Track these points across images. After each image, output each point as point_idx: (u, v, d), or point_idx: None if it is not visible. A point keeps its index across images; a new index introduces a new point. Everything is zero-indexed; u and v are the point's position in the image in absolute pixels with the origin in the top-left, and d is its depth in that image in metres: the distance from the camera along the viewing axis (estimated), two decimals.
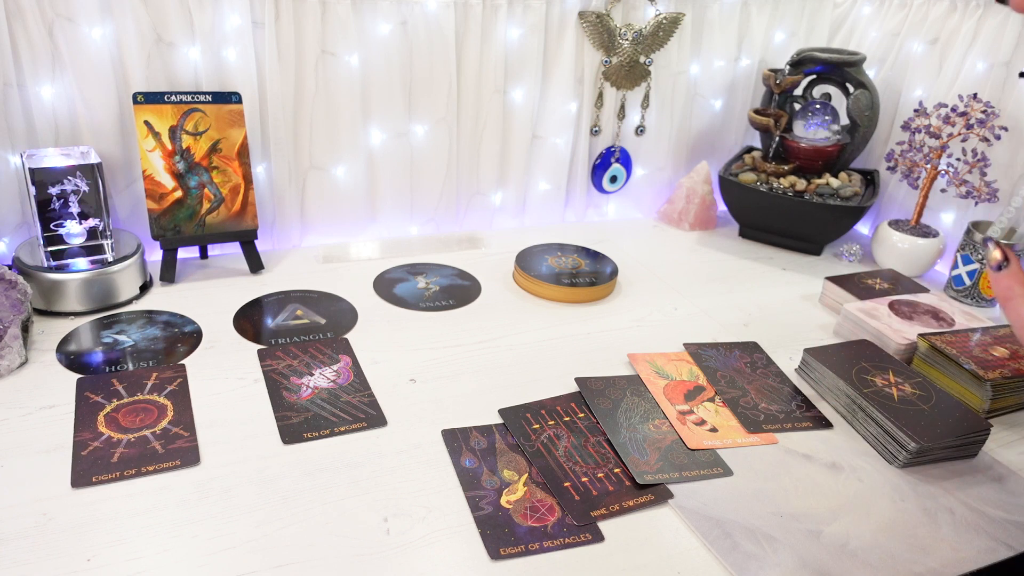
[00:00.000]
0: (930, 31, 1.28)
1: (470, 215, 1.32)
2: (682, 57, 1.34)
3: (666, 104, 1.38)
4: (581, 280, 1.09)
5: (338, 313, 1.00)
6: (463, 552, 0.64)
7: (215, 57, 1.04)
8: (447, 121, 1.21)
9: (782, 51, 1.43)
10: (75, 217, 0.96)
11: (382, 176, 1.22)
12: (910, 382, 0.86)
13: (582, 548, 0.65)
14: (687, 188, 1.38)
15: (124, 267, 0.97)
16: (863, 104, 1.28)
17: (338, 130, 1.14)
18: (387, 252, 1.20)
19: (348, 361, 0.90)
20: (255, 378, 0.85)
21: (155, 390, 0.81)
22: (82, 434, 0.74)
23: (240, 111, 1.03)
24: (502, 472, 0.73)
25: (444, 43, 1.15)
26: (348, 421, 0.79)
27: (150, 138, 0.99)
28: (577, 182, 1.37)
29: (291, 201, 1.16)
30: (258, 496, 0.68)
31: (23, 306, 0.86)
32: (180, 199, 1.02)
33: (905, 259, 1.22)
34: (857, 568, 0.65)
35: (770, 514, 0.70)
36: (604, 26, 1.25)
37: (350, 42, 1.09)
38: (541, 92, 1.27)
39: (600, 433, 0.80)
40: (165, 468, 0.70)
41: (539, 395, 0.85)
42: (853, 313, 1.02)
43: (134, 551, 0.61)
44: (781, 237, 1.31)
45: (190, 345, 0.90)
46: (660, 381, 0.90)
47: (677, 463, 0.76)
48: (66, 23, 0.95)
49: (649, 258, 1.25)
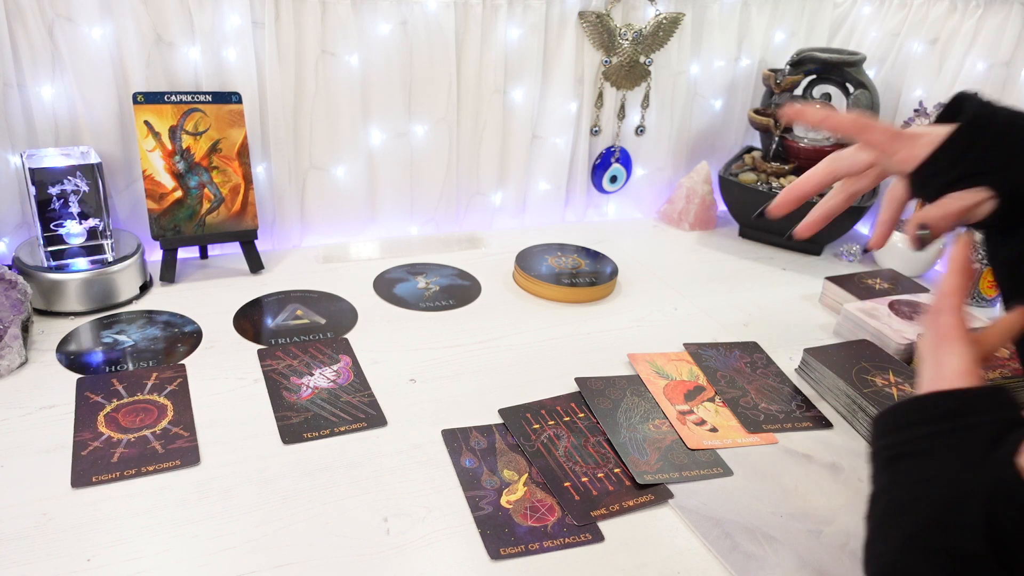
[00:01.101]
0: (930, 31, 1.28)
1: (470, 215, 1.32)
2: (682, 57, 1.34)
3: (666, 104, 1.38)
4: (581, 280, 1.09)
5: (338, 313, 1.00)
6: (463, 552, 0.64)
7: (215, 57, 1.04)
8: (447, 121, 1.21)
9: (782, 51, 1.42)
10: (75, 217, 0.96)
11: (382, 176, 1.22)
12: (910, 382, 0.86)
13: (582, 548, 0.65)
14: (687, 188, 1.38)
15: (124, 267, 0.97)
16: (863, 104, 1.28)
17: (338, 130, 1.14)
18: (387, 252, 1.20)
19: (348, 361, 0.90)
20: (255, 378, 0.85)
21: (155, 390, 0.81)
22: (82, 434, 0.74)
23: (240, 111, 1.03)
24: (502, 472, 0.73)
25: (444, 43, 1.15)
26: (348, 421, 0.79)
27: (150, 138, 0.99)
28: (577, 182, 1.37)
29: (291, 201, 1.16)
30: (258, 496, 0.68)
31: (23, 306, 0.86)
32: (180, 199, 1.02)
33: (905, 259, 1.22)
34: (857, 568, 0.65)
35: (770, 514, 0.70)
36: (604, 26, 1.25)
37: (350, 42, 1.09)
38: (541, 92, 1.27)
39: (600, 433, 0.80)
40: (165, 468, 0.70)
41: (539, 395, 0.85)
42: (853, 313, 1.02)
43: (134, 551, 0.61)
44: (781, 237, 1.31)
45: (190, 345, 0.90)
46: (660, 381, 0.90)
47: (677, 463, 0.76)
48: (66, 23, 0.95)
49: (649, 258, 1.25)
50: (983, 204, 0.54)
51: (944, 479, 0.42)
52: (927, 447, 0.44)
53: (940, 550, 0.40)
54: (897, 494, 0.44)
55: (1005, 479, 0.40)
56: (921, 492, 0.42)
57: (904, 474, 0.44)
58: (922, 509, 0.42)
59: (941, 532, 0.40)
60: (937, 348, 0.50)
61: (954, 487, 0.41)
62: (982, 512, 0.39)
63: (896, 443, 0.46)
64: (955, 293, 0.52)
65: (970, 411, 0.44)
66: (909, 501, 0.43)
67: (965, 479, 0.41)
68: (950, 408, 0.45)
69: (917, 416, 0.46)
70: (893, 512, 0.44)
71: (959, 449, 0.43)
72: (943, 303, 0.52)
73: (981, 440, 0.42)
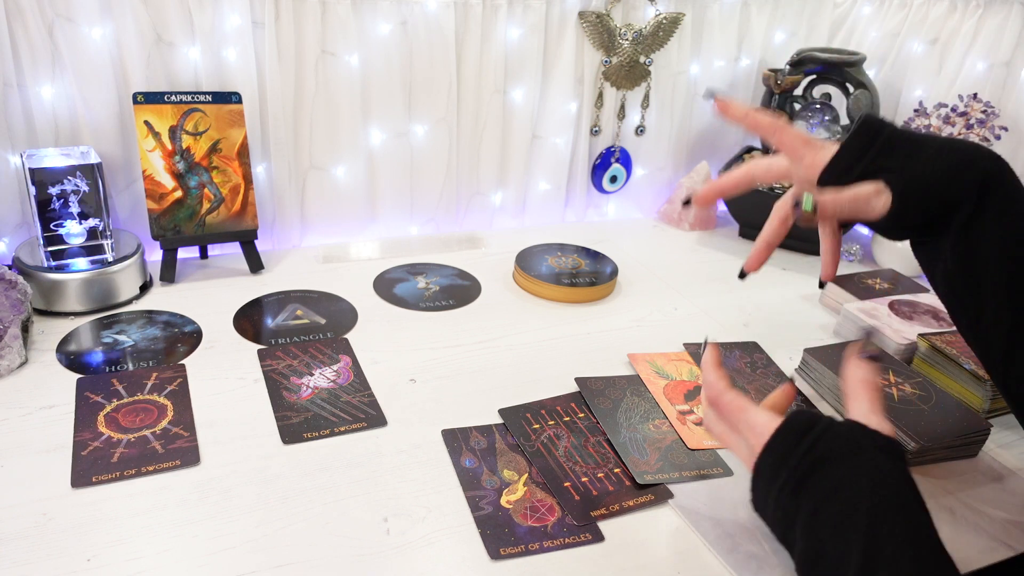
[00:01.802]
0: (930, 31, 1.28)
1: (470, 215, 1.32)
2: (682, 57, 1.34)
3: (666, 104, 1.38)
4: (581, 280, 1.09)
5: (338, 313, 1.00)
6: (463, 552, 0.64)
7: (215, 57, 1.04)
8: (447, 121, 1.21)
9: (782, 51, 1.43)
10: (75, 217, 0.96)
11: (382, 176, 1.22)
12: (910, 382, 0.86)
13: (582, 548, 0.65)
14: (687, 188, 1.38)
15: (124, 267, 0.97)
16: (863, 104, 1.28)
17: (338, 130, 1.14)
18: (387, 252, 1.20)
19: (348, 361, 0.90)
20: (255, 378, 0.85)
21: (155, 390, 0.81)
22: (82, 434, 0.74)
23: (240, 111, 1.03)
24: (502, 472, 0.73)
25: (444, 43, 1.15)
26: (348, 421, 0.79)
27: (150, 138, 0.99)
28: (577, 182, 1.37)
29: (291, 201, 1.16)
30: (258, 496, 0.68)
31: (23, 306, 0.86)
32: (180, 199, 1.02)
33: (905, 259, 1.22)
34: None
35: None
36: (604, 26, 1.25)
37: (350, 42, 1.09)
38: (541, 92, 1.27)
39: (600, 433, 0.80)
40: (165, 468, 0.70)
41: (539, 395, 0.85)
42: (853, 313, 1.02)
43: (134, 551, 0.61)
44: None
45: (190, 345, 0.90)
46: (660, 381, 0.90)
47: (677, 463, 0.76)
48: (66, 23, 0.95)
49: (649, 258, 1.25)
50: (876, 198, 0.58)
51: (853, 469, 0.50)
52: (817, 456, 0.52)
53: (900, 522, 0.48)
54: (828, 509, 0.50)
55: (880, 443, 0.52)
56: (849, 490, 0.49)
57: (819, 489, 0.51)
58: (863, 501, 0.48)
59: (889, 505, 0.48)
60: (739, 421, 0.59)
61: (865, 470, 0.50)
62: (897, 471, 0.50)
63: (792, 471, 0.52)
64: (719, 380, 0.62)
65: (815, 418, 0.54)
66: (844, 505, 0.49)
67: (867, 460, 0.51)
68: (804, 422, 0.54)
69: (790, 442, 0.53)
70: (840, 521, 0.49)
71: (837, 445, 0.52)
72: (714, 391, 0.61)
73: (842, 432, 0.53)
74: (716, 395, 0.61)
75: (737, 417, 0.59)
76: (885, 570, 0.45)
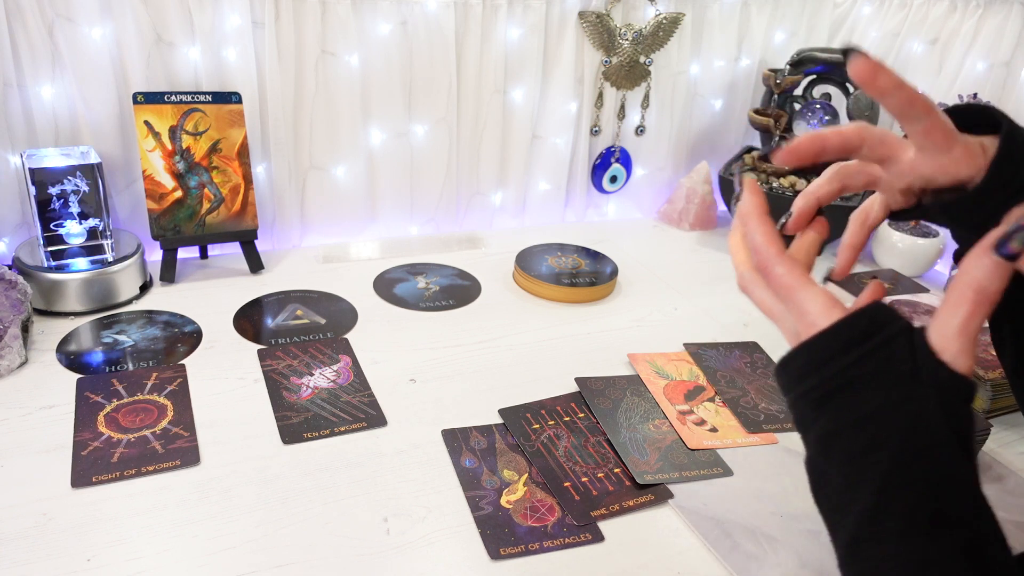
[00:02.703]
0: (930, 31, 1.28)
1: (470, 215, 1.32)
2: (682, 57, 1.34)
3: (666, 104, 1.38)
4: (581, 280, 1.09)
5: (338, 313, 1.00)
6: (463, 552, 0.64)
7: (215, 57, 1.04)
8: (447, 121, 1.21)
9: (782, 51, 1.43)
10: (75, 217, 0.96)
11: (382, 176, 1.22)
12: None
13: (582, 548, 0.65)
14: (687, 188, 1.38)
15: (124, 267, 0.97)
16: (863, 104, 1.28)
17: (338, 130, 1.14)
18: (387, 252, 1.20)
19: (348, 361, 0.90)
20: (255, 378, 0.85)
21: (155, 390, 0.81)
22: (82, 434, 0.74)
23: (240, 111, 1.03)
24: (502, 472, 0.73)
25: (444, 43, 1.15)
26: (348, 421, 0.79)
27: (150, 138, 0.99)
28: (577, 182, 1.37)
29: (291, 201, 1.16)
30: (258, 496, 0.68)
31: (23, 306, 0.86)
32: (180, 199, 1.02)
33: (905, 259, 1.22)
34: None
35: (770, 514, 0.70)
36: (604, 26, 1.25)
37: (350, 42, 1.09)
38: (541, 92, 1.27)
39: (600, 433, 0.80)
40: (165, 468, 0.70)
41: (539, 395, 0.85)
42: None
43: (134, 551, 0.61)
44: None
45: (190, 345, 0.90)
46: (660, 381, 0.90)
47: (677, 463, 0.76)
48: (66, 23, 0.95)
49: (649, 258, 1.25)
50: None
51: (890, 403, 0.40)
52: (856, 374, 0.41)
53: (922, 476, 0.39)
54: (849, 436, 0.41)
55: (942, 379, 0.40)
56: (877, 426, 0.41)
57: (846, 411, 0.42)
58: (890, 442, 0.40)
59: (919, 456, 0.39)
60: (788, 301, 0.48)
61: (904, 408, 0.40)
62: (943, 419, 0.39)
63: (822, 381, 0.43)
64: (769, 243, 0.50)
65: (881, 326, 0.42)
66: (869, 440, 0.41)
67: (914, 396, 0.40)
68: (863, 329, 0.42)
69: (833, 348, 0.43)
70: (859, 455, 0.41)
71: (888, 367, 0.41)
72: (763, 257, 0.50)
73: (903, 351, 0.41)
74: (767, 263, 0.49)
75: (787, 296, 0.48)
76: (893, 521, 0.39)
